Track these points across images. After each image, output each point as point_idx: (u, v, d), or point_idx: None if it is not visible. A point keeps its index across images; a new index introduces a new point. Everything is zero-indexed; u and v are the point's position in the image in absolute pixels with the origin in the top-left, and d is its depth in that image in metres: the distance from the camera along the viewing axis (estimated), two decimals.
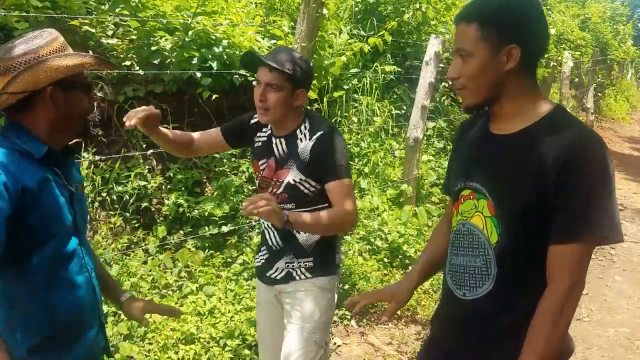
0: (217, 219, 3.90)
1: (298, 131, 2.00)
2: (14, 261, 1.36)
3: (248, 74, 4.27)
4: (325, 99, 5.10)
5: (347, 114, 5.29)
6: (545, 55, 7.89)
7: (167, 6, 4.17)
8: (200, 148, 2.18)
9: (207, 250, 3.80)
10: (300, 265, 2.04)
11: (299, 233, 2.02)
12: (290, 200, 2.00)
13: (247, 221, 4.02)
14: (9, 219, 1.28)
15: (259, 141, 2.11)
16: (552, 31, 8.04)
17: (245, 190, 4.19)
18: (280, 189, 2.01)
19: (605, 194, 1.26)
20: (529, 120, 1.35)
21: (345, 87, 5.33)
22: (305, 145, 1.95)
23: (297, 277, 2.04)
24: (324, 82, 4.94)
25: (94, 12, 4.08)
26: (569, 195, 1.25)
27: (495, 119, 1.43)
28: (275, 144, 2.03)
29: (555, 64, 8.24)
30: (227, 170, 4.28)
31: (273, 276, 2.10)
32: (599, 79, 13.49)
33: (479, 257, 1.40)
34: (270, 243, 2.09)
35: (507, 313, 1.38)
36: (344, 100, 5.25)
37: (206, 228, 3.89)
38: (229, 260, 3.81)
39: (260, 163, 2.08)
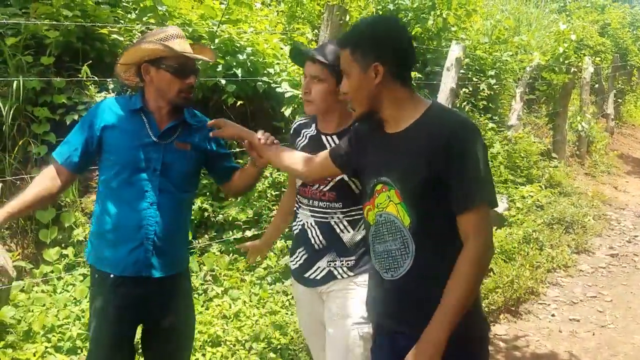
0: (241, 223, 3.95)
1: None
2: (101, 174, 2.02)
3: (271, 81, 4.32)
4: None
5: None
6: (566, 61, 7.85)
7: (193, 15, 4.25)
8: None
9: (231, 255, 3.84)
10: (342, 264, 2.03)
11: (344, 232, 2.03)
12: (338, 199, 2.01)
13: None
14: (87, 143, 1.96)
15: (305, 136, 2.14)
16: (573, 37, 7.98)
17: (268, 195, 4.23)
18: (328, 187, 2.02)
19: (486, 165, 1.53)
20: (412, 117, 1.60)
21: None
22: None
23: (339, 277, 2.03)
24: None
25: (122, 21, 4.17)
26: (461, 172, 1.50)
27: (386, 123, 1.67)
28: (327, 141, 2.06)
29: (576, 69, 8.17)
30: None
31: (312, 277, 2.08)
32: (619, 85, 13.30)
33: (397, 240, 1.61)
34: (312, 242, 2.06)
35: (434, 287, 1.53)
36: None
37: (230, 232, 3.94)
38: (253, 264, 3.84)
39: None
